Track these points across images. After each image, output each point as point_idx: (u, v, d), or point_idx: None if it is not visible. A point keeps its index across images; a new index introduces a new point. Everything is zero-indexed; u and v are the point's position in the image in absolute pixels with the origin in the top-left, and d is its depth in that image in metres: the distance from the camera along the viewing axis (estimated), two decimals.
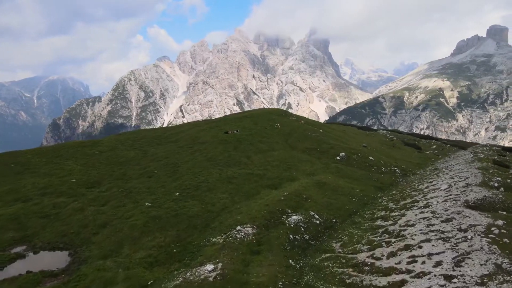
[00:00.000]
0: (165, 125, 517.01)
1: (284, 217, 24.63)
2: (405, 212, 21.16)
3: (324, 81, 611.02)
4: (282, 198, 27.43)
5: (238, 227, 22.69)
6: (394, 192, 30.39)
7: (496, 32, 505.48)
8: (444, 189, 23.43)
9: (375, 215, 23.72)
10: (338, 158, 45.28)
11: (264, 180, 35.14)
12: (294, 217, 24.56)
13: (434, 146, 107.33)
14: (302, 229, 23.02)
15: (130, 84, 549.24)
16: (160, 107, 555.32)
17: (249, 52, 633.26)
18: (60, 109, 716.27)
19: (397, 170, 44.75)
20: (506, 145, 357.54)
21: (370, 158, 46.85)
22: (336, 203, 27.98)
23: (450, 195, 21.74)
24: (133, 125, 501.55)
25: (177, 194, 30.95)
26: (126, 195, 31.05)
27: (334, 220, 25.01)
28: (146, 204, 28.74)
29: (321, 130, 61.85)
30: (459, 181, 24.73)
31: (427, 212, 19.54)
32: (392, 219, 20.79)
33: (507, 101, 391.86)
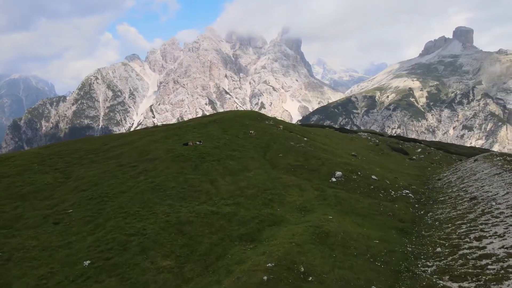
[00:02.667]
0: (134, 125, 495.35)
1: None
2: None
3: (297, 80, 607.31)
4: (265, 278, 15.55)
5: None
6: (439, 249, 19.29)
7: (462, 34, 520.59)
8: None
9: None
10: (333, 179, 34.05)
11: (234, 226, 23.15)
12: None
13: (419, 150, 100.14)
14: None
15: (97, 83, 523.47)
16: (130, 107, 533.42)
17: (221, 51, 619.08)
18: (23, 110, 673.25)
19: (409, 194, 34.17)
20: (473, 143, 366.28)
21: (373, 177, 36.02)
22: (355, 279, 16.48)
23: None
24: (100, 126, 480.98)
25: (86, 263, 18.34)
26: None
27: None
28: None
29: (305, 138, 50.60)
30: None
31: None
32: None
33: (473, 100, 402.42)
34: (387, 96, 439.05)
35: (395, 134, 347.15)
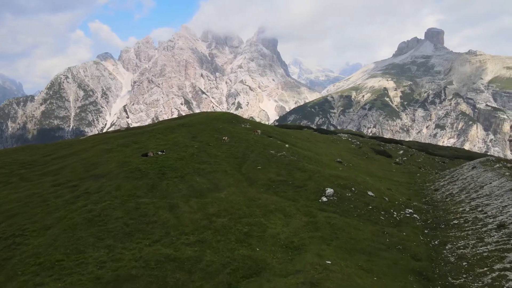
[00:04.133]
0: (107, 126, 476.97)
1: None
2: None
3: (273, 80, 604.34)
4: None
5: None
6: None
7: (433, 35, 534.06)
8: None
9: None
10: (324, 199, 27.89)
11: (197, 280, 16.38)
12: None
13: (401, 152, 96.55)
14: None
15: (68, 82, 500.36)
16: (102, 107, 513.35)
17: (197, 50, 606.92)
18: None
19: (414, 214, 28.55)
20: (445, 142, 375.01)
21: (370, 193, 30.20)
22: None
23: None
24: (71, 127, 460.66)
25: None
26: None
27: None
28: None
29: (286, 145, 44.38)
30: None
31: None
32: None
33: (445, 100, 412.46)
34: (363, 96, 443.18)
35: (371, 134, 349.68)
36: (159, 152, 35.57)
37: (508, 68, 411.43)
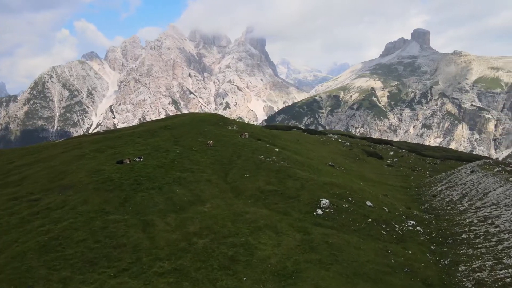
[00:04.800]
0: (93, 126, 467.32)
1: None
2: None
3: (261, 80, 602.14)
4: None
5: None
6: None
7: (419, 35, 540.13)
8: None
9: None
10: (319, 211, 25.04)
11: None
12: None
13: (392, 153, 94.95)
14: None
15: (52, 81, 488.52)
16: (88, 107, 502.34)
17: (185, 50, 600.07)
18: None
19: (417, 227, 25.96)
20: (432, 141, 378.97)
21: (368, 204, 27.50)
22: None
23: None
24: (56, 127, 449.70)
25: None
26: None
27: None
28: None
29: (276, 149, 41.41)
30: None
31: None
32: None
33: (431, 100, 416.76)
34: (351, 96, 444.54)
35: (359, 134, 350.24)
36: (136, 159, 32.16)
37: (493, 69, 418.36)
